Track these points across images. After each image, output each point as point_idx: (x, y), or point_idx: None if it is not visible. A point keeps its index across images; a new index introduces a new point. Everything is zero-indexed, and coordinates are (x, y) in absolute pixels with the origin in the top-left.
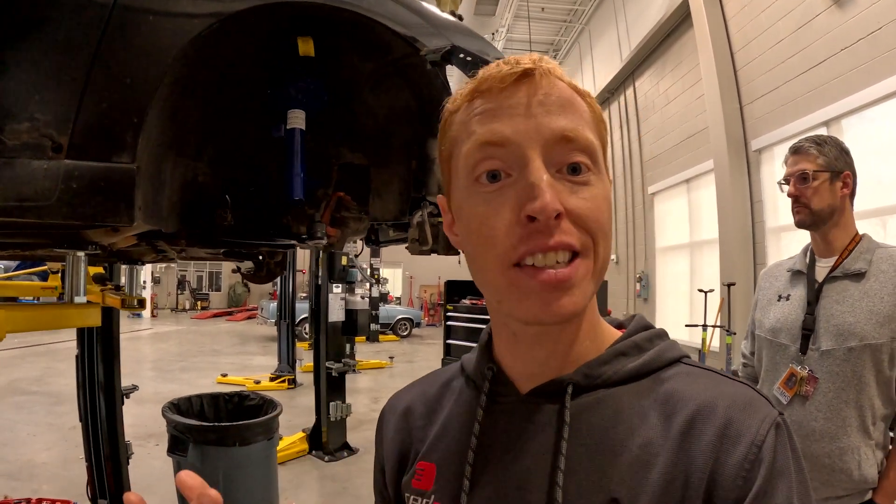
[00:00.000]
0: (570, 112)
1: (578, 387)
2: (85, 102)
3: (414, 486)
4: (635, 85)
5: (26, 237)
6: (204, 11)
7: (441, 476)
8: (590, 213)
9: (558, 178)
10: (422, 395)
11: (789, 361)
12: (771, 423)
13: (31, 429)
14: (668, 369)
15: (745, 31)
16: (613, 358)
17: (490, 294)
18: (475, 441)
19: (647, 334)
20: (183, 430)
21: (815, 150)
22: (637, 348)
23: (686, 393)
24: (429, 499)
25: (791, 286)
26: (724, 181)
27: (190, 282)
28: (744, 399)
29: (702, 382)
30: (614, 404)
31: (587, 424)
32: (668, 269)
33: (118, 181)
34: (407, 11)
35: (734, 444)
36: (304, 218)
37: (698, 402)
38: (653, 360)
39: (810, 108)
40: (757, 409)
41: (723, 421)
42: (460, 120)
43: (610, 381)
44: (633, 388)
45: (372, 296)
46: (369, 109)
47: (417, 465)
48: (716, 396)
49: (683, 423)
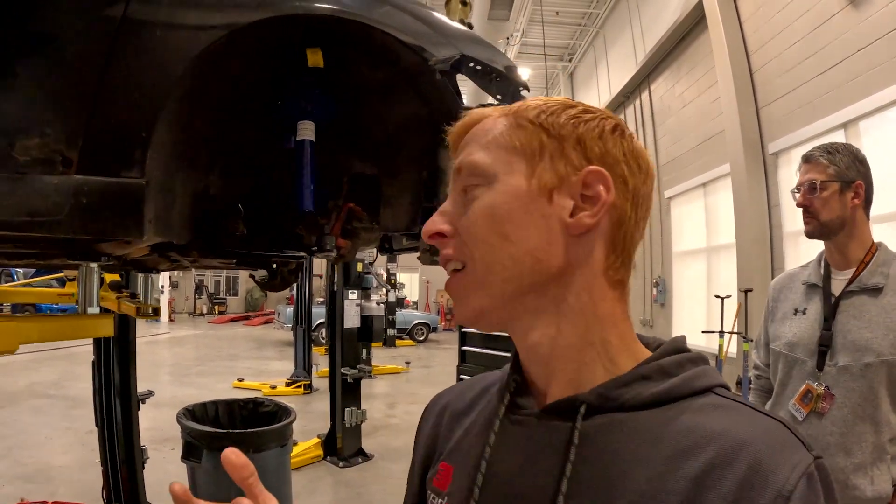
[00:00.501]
0: (471, 144)
1: (592, 407)
2: (94, 118)
3: (434, 485)
4: (651, 88)
5: (40, 249)
6: (211, 24)
7: (456, 479)
8: (468, 226)
9: (461, 201)
10: (460, 396)
11: (805, 377)
12: (803, 472)
13: (48, 432)
14: (696, 398)
15: (760, 32)
16: (634, 381)
17: None
18: (489, 451)
19: (678, 358)
20: (197, 436)
21: (825, 160)
22: (663, 373)
23: (710, 428)
24: (443, 499)
25: (807, 300)
26: (740, 185)
27: (208, 287)
28: (774, 441)
29: (730, 418)
30: (629, 430)
31: (596, 448)
32: (685, 275)
33: (127, 196)
34: (415, 21)
35: (759, 493)
36: (316, 229)
37: (722, 442)
38: (677, 386)
39: (828, 110)
40: (789, 453)
41: (747, 466)
42: None
43: (627, 404)
44: (652, 416)
45: (388, 300)
46: (379, 119)
47: (440, 464)
48: (743, 435)
49: (704, 463)
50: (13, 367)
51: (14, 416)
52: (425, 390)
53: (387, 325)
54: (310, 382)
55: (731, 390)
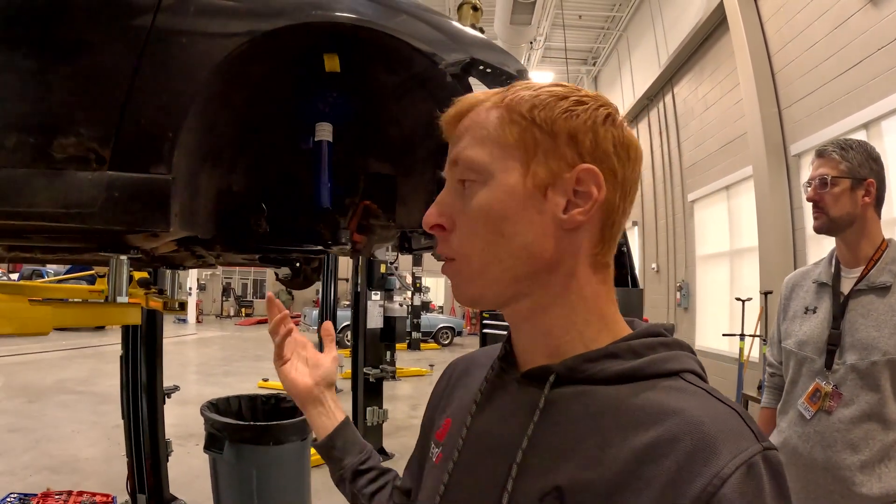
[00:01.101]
0: (466, 136)
1: (562, 377)
2: (125, 119)
3: (435, 437)
4: (674, 91)
5: (73, 241)
6: (234, 31)
7: (451, 432)
8: (465, 221)
9: (458, 193)
10: (471, 361)
11: (814, 375)
12: (745, 460)
13: (75, 426)
14: (662, 380)
15: (781, 32)
16: (602, 357)
17: None
18: (474, 407)
19: (650, 341)
20: (220, 427)
21: (837, 155)
22: (632, 353)
23: (665, 406)
24: (438, 449)
25: (817, 298)
26: (763, 187)
27: (235, 289)
28: (724, 427)
29: (689, 400)
30: (590, 400)
31: (560, 413)
32: (709, 278)
33: (155, 191)
34: (427, 27)
35: (697, 472)
36: (332, 225)
37: (673, 420)
38: (643, 366)
39: (849, 110)
40: (735, 440)
41: (691, 446)
42: None
43: (593, 378)
44: (616, 390)
45: (414, 304)
46: (395, 121)
47: (445, 419)
48: (696, 417)
49: (652, 437)
50: (44, 364)
51: (43, 410)
52: None
53: (412, 329)
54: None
55: (703, 378)
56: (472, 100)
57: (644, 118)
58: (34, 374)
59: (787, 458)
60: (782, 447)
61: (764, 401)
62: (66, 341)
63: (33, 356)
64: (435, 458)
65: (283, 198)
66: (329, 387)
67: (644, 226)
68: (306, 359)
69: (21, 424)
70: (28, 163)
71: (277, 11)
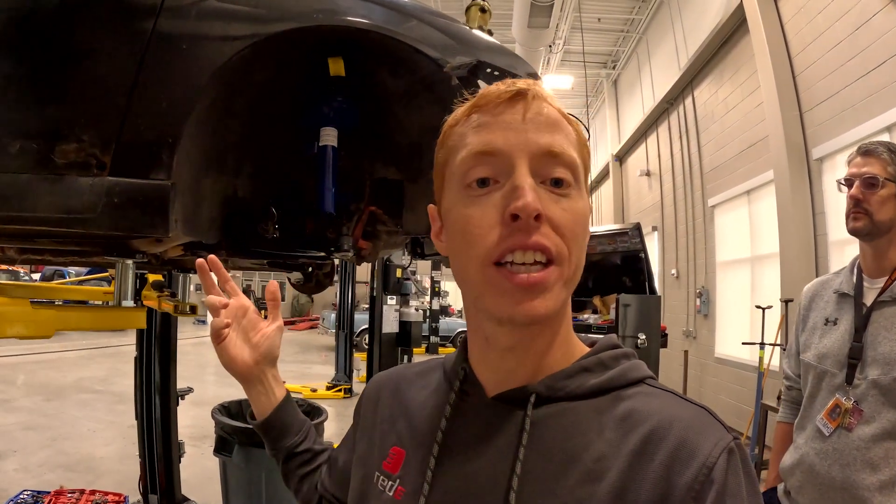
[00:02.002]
0: (557, 131)
1: (541, 397)
2: (126, 125)
3: (384, 468)
4: (694, 94)
5: (79, 246)
6: (236, 35)
7: (408, 463)
8: (567, 222)
9: (543, 188)
10: (403, 376)
11: (834, 390)
12: (724, 448)
13: (92, 425)
14: (630, 388)
15: (802, 34)
16: (578, 372)
17: (468, 290)
18: (440, 436)
19: (614, 353)
20: (230, 431)
21: (887, 156)
22: (602, 365)
23: (643, 412)
24: (394, 482)
25: (838, 309)
26: (784, 192)
27: (255, 292)
28: (699, 422)
29: (660, 403)
30: (574, 417)
31: (546, 434)
32: (729, 285)
33: (154, 196)
34: (432, 30)
35: (685, 465)
36: (336, 230)
37: (654, 422)
38: (615, 378)
39: (873, 112)
40: (711, 432)
41: (676, 442)
42: (458, 132)
43: (572, 394)
44: (594, 404)
45: (432, 308)
46: (401, 125)
47: (392, 449)
48: (671, 417)
49: (638, 441)
50: (63, 363)
51: (61, 408)
52: None
53: (430, 333)
54: (350, 387)
55: (658, 381)
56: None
57: (664, 122)
58: (54, 373)
59: (805, 476)
60: (799, 464)
61: (780, 415)
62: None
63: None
64: (393, 493)
65: (288, 203)
66: (271, 363)
67: (664, 231)
68: (246, 329)
69: (38, 422)
70: (30, 168)
71: (280, 15)
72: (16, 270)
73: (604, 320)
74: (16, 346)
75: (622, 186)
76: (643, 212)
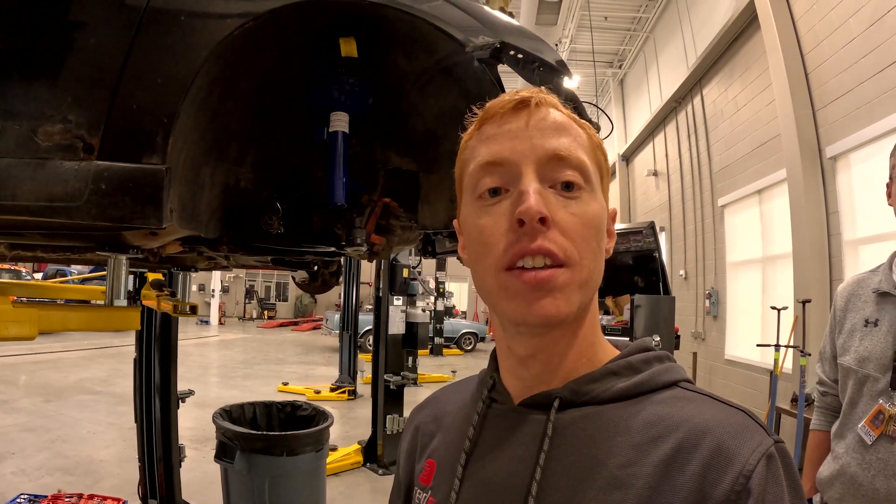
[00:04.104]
0: (564, 135)
1: (565, 401)
2: (116, 104)
3: (420, 481)
4: (703, 93)
5: (67, 239)
6: (235, 11)
7: (439, 474)
8: (576, 226)
9: (552, 193)
10: (439, 398)
11: (877, 396)
12: (763, 453)
13: (92, 427)
14: (662, 392)
15: (815, 30)
16: (604, 376)
17: (487, 299)
18: (468, 444)
19: (645, 356)
20: (231, 436)
21: None
22: (631, 369)
23: (676, 417)
24: (427, 493)
25: (879, 309)
26: (797, 191)
27: (257, 292)
28: (736, 425)
29: (694, 407)
30: (599, 422)
31: (569, 439)
32: (739, 285)
33: (147, 182)
34: (453, 8)
35: (721, 474)
36: (346, 223)
37: (687, 428)
38: (645, 381)
39: (887, 110)
40: (749, 436)
41: (710, 449)
42: (470, 146)
43: (598, 398)
44: (622, 408)
45: (436, 309)
46: (417, 111)
47: (426, 461)
48: (706, 422)
49: (670, 448)
50: (64, 364)
51: (61, 410)
52: None
53: (434, 334)
54: (354, 388)
55: (694, 384)
56: (553, 101)
57: (672, 121)
58: (54, 374)
59: (845, 488)
60: (839, 475)
61: (815, 423)
62: (87, 341)
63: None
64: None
65: (295, 194)
66: None
67: (672, 231)
68: None
69: (36, 424)
70: (11, 151)
71: None
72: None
73: (617, 321)
74: (16, 347)
75: (629, 186)
76: (650, 212)
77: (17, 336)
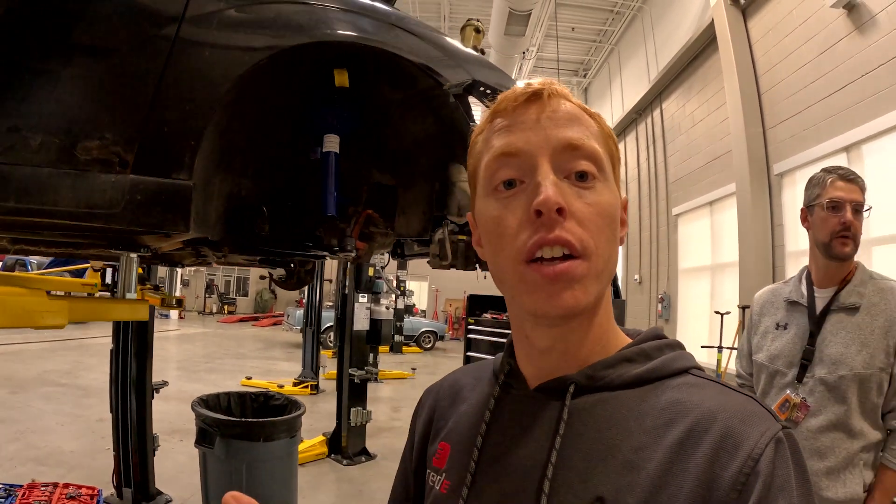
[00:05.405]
0: (577, 125)
1: (581, 387)
2: (149, 125)
3: (433, 464)
4: (662, 106)
5: (87, 239)
6: (257, 46)
7: (453, 456)
8: (591, 215)
9: (567, 183)
10: (455, 381)
11: (785, 388)
12: (771, 437)
13: (59, 418)
14: (674, 378)
15: (769, 55)
16: (618, 362)
17: (506, 290)
18: (484, 427)
19: (657, 343)
20: (211, 423)
21: (860, 183)
22: (644, 355)
23: (687, 402)
24: (441, 476)
25: (789, 315)
26: (745, 204)
27: (218, 286)
28: (745, 411)
29: (705, 393)
30: (613, 407)
31: (584, 423)
32: (690, 291)
33: (177, 195)
34: (431, 47)
35: (730, 456)
36: (337, 232)
37: (698, 413)
38: (658, 367)
39: (832, 133)
40: (758, 421)
41: (721, 432)
42: (483, 138)
43: (612, 384)
44: (636, 394)
45: (397, 307)
46: (398, 135)
47: (439, 444)
48: (717, 407)
49: (681, 432)
50: (26, 356)
51: (27, 402)
52: None
53: (394, 332)
54: (317, 383)
55: (704, 371)
56: (564, 92)
57: (632, 131)
58: (17, 365)
59: None
60: None
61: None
62: (48, 333)
63: (16, 347)
64: (440, 486)
65: (291, 204)
66: None
67: (628, 237)
68: None
69: (5, 415)
70: (52, 163)
71: (295, 29)
72: None
73: None
74: None
75: None
76: None
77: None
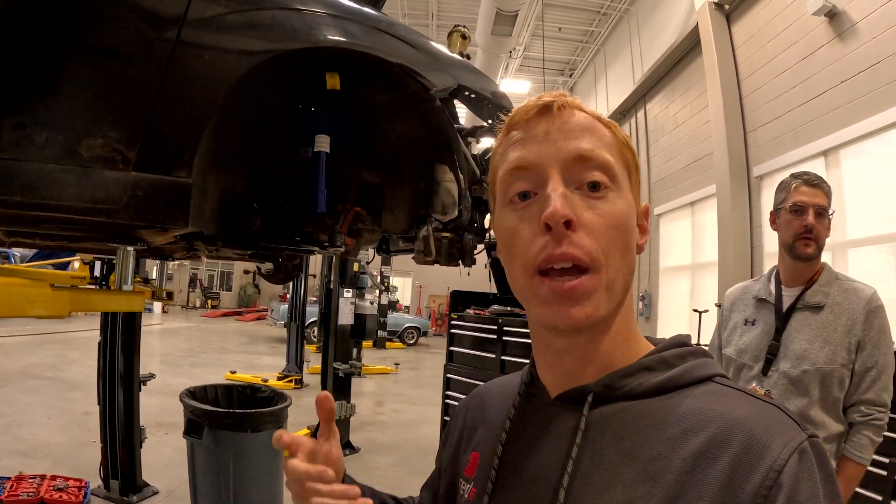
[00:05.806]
0: (588, 136)
1: (599, 396)
2: (151, 125)
3: (465, 473)
4: (646, 107)
5: (85, 232)
6: (253, 50)
7: (481, 466)
8: (602, 226)
9: (578, 195)
10: (486, 391)
11: (751, 380)
12: (795, 447)
13: (44, 412)
14: (697, 387)
15: (752, 59)
16: (638, 371)
17: (521, 299)
18: (504, 436)
19: (679, 351)
20: (200, 414)
21: (825, 188)
22: (665, 364)
23: (708, 412)
24: (470, 485)
25: (757, 312)
26: (725, 205)
27: (202, 280)
28: (769, 420)
29: (726, 402)
30: (632, 416)
31: (602, 433)
32: (671, 290)
33: (177, 192)
34: (418, 53)
35: (752, 468)
36: (326, 228)
37: (718, 423)
38: (679, 376)
39: (810, 137)
40: (781, 431)
41: (741, 443)
42: (500, 152)
43: (631, 393)
44: (655, 403)
45: (381, 303)
46: (385, 136)
47: (472, 453)
48: (738, 417)
49: (701, 442)
50: (9, 349)
51: (11, 395)
52: (413, 391)
53: (378, 327)
54: (301, 378)
55: (730, 379)
56: (575, 103)
57: None
58: (1, 359)
59: None
60: None
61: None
62: (31, 326)
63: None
64: (468, 495)
65: (281, 201)
66: None
67: None
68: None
69: None
70: (57, 159)
71: (291, 35)
72: None
73: None
74: None
75: None
76: None
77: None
